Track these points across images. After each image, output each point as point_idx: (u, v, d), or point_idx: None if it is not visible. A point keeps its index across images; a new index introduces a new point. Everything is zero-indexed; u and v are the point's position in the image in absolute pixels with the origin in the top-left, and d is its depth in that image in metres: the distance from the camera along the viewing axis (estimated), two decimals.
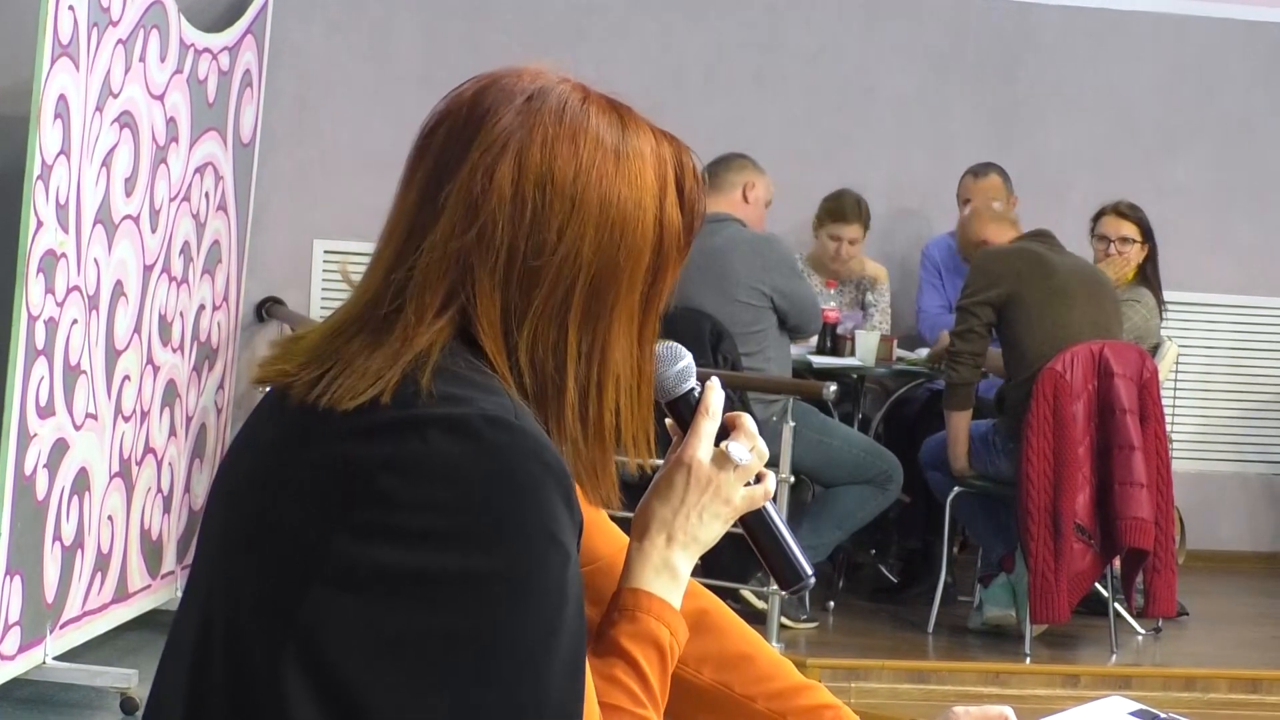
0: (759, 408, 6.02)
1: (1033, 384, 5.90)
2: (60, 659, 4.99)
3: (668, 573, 1.72)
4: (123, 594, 5.39)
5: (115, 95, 4.96)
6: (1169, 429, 6.28)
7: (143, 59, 5.12)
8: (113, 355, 5.14)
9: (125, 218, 5.13)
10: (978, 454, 6.18)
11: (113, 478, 5.21)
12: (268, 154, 6.61)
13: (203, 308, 5.85)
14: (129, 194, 5.13)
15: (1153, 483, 5.98)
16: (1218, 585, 7.47)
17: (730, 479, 1.73)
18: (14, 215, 4.55)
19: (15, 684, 4.95)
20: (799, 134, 7.66)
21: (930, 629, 6.28)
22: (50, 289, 4.68)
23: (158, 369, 5.49)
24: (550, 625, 1.49)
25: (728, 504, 1.73)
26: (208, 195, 5.78)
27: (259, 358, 1.62)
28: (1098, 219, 6.76)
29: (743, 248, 6.10)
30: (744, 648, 1.91)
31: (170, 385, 5.62)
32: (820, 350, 6.75)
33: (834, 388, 5.83)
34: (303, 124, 7.26)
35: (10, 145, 5.18)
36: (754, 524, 1.77)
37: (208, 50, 5.65)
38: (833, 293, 7.09)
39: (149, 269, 5.34)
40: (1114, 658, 6.19)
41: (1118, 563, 6.18)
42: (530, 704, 1.48)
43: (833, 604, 6.58)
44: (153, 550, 5.59)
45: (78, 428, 4.92)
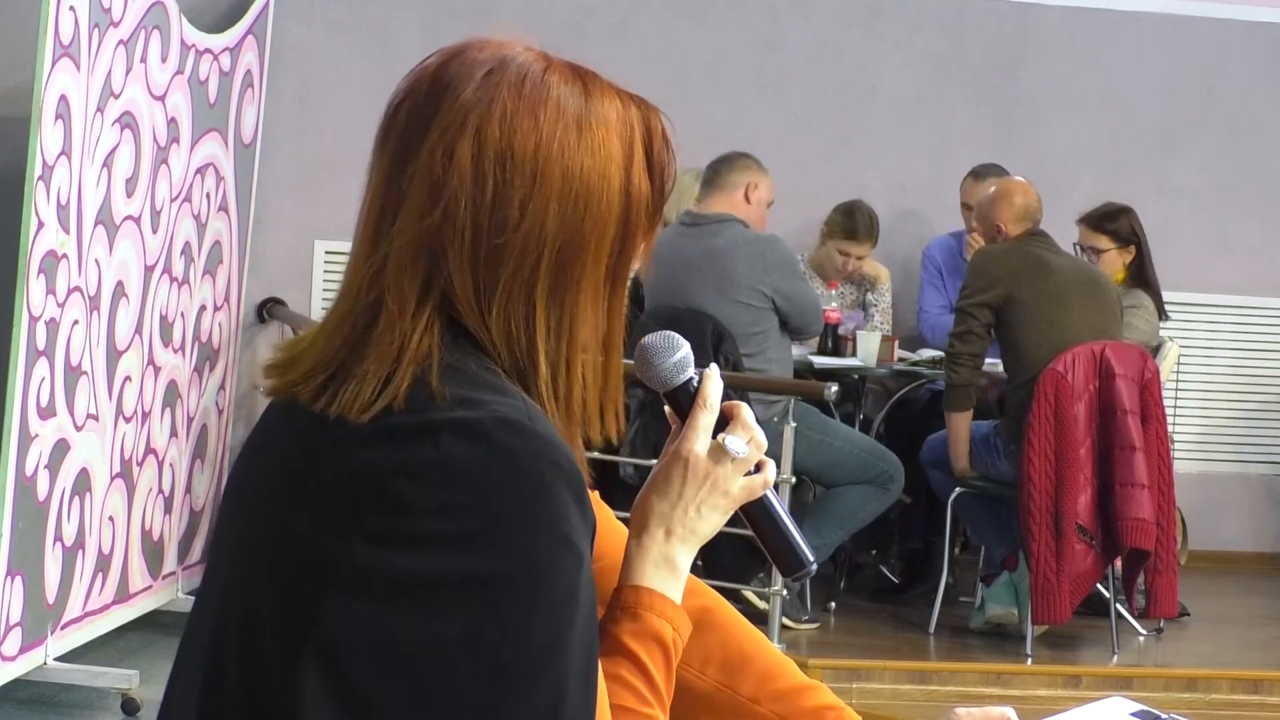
0: (760, 408, 6.02)
1: (1034, 385, 5.90)
2: (61, 660, 4.99)
3: (667, 567, 1.72)
4: (124, 595, 5.38)
5: (116, 96, 4.96)
6: (1170, 429, 6.28)
7: (144, 60, 5.11)
8: (114, 356, 5.13)
9: (126, 218, 5.12)
10: (979, 455, 6.18)
11: (114, 478, 5.20)
12: (269, 154, 6.61)
13: (204, 308, 5.85)
14: (130, 195, 5.13)
15: (1154, 483, 5.97)
16: (1219, 586, 7.46)
17: (728, 471, 1.72)
18: (15, 216, 4.54)
19: (16, 685, 4.95)
20: (800, 134, 7.66)
21: (932, 629, 6.27)
22: (51, 290, 4.67)
23: (159, 370, 5.48)
24: (564, 627, 1.48)
25: (726, 496, 1.73)
26: (209, 196, 5.78)
27: (263, 364, 1.61)
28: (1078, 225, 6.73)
29: (744, 249, 6.09)
30: (747, 646, 1.90)
31: (171, 386, 5.61)
32: (821, 351, 6.74)
33: (835, 388, 5.82)
34: (304, 124, 7.26)
35: (11, 146, 5.18)
36: (754, 513, 1.76)
37: (209, 51, 5.65)
38: (834, 293, 7.09)
39: (150, 269, 5.34)
40: (1115, 658, 6.19)
41: (1119, 563, 6.18)
42: (546, 705, 1.47)
43: (834, 604, 6.58)
44: (154, 551, 5.58)
45: (79, 428, 4.92)
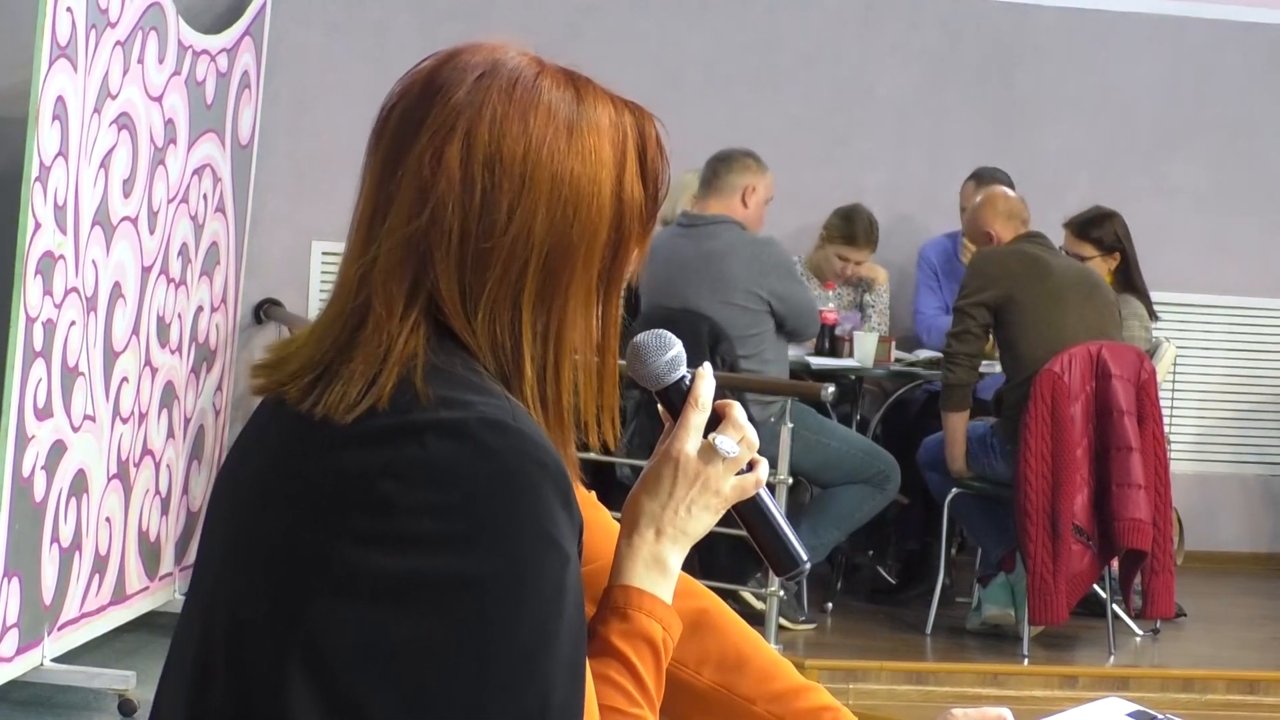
0: (757, 409, 6.03)
1: (1030, 385, 5.90)
2: (58, 661, 4.98)
3: (658, 568, 1.71)
4: (121, 596, 5.39)
5: (113, 97, 4.96)
6: (1167, 430, 6.28)
7: (141, 60, 5.12)
8: (111, 357, 5.13)
9: (123, 219, 5.12)
10: (975, 455, 6.18)
11: (111, 479, 5.20)
12: (266, 155, 6.61)
13: (201, 309, 5.85)
14: (127, 195, 5.13)
15: (1151, 484, 5.98)
16: (1216, 586, 7.47)
17: (719, 471, 1.72)
18: (12, 216, 4.55)
19: (13, 686, 4.95)
20: (797, 135, 7.66)
21: (928, 630, 6.28)
22: (48, 290, 4.67)
23: (156, 371, 5.48)
24: (550, 627, 1.48)
25: (717, 495, 1.72)
26: (206, 197, 5.78)
27: (254, 363, 1.62)
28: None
29: (740, 251, 6.10)
30: (744, 647, 1.90)
31: (168, 387, 5.61)
32: (818, 351, 6.75)
33: (832, 389, 5.83)
34: (301, 125, 7.26)
35: (8, 147, 5.18)
36: (746, 511, 1.76)
37: (206, 52, 5.65)
38: (831, 294, 7.09)
39: (147, 270, 5.34)
40: (1112, 659, 6.19)
41: (1116, 564, 6.18)
42: (534, 705, 1.47)
43: (831, 605, 6.58)
44: (151, 552, 5.59)
45: (75, 429, 4.92)
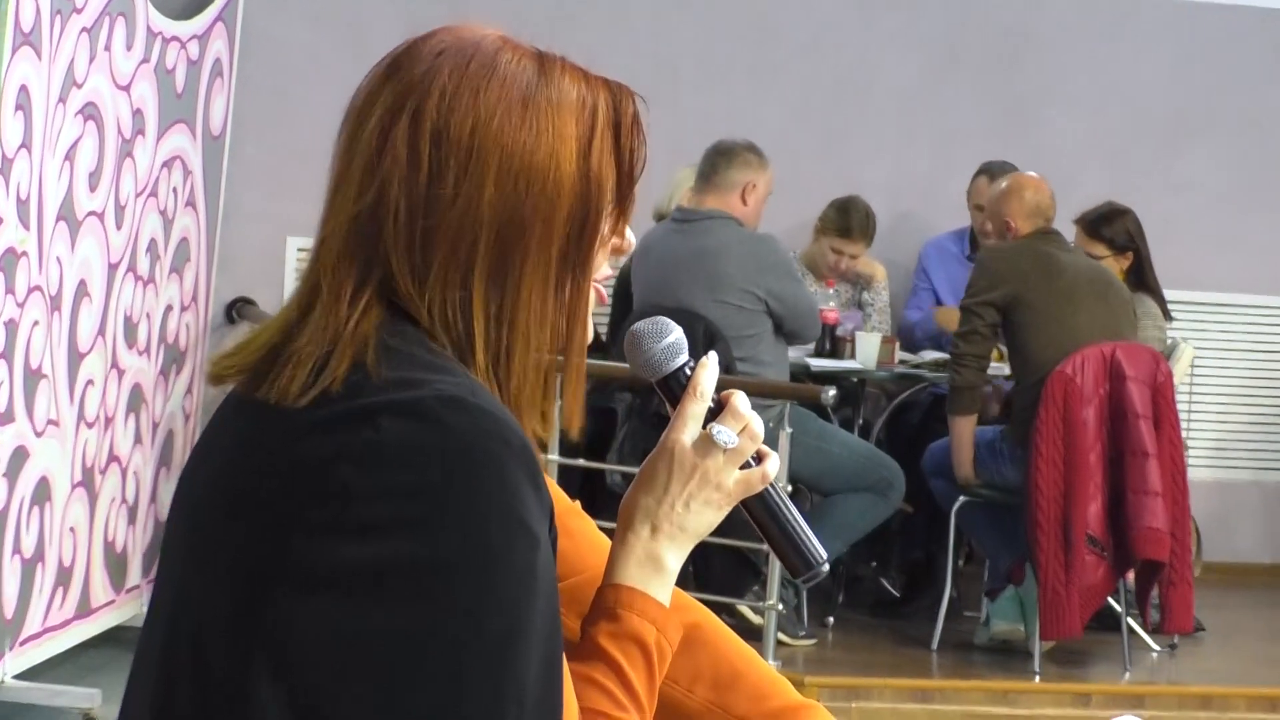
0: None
1: (1041, 388, 5.89)
2: (20, 678, 4.97)
3: (652, 565, 1.69)
4: (85, 609, 5.36)
5: (79, 86, 4.93)
6: (1184, 435, 6.28)
7: (108, 48, 5.09)
8: (75, 358, 5.11)
9: (89, 214, 5.10)
10: (984, 461, 6.17)
11: (75, 487, 5.18)
12: (239, 147, 6.58)
13: (170, 308, 5.83)
14: (93, 189, 5.11)
15: (1168, 491, 5.97)
16: (1235, 599, 7.47)
17: (719, 464, 1.70)
18: None
19: None
20: (794, 128, 7.65)
21: (934, 645, 6.27)
22: (10, 289, 4.66)
23: (123, 373, 5.46)
24: (522, 614, 1.47)
25: (718, 490, 1.71)
26: (176, 190, 5.75)
27: (211, 356, 1.62)
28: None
29: (737, 248, 6.08)
30: (738, 664, 1.89)
31: (136, 390, 5.59)
32: (819, 353, 6.74)
33: (833, 392, 5.82)
34: (276, 115, 7.24)
35: None
36: (756, 509, 1.74)
37: (176, 38, 5.62)
38: (831, 292, 7.08)
39: (114, 268, 5.31)
40: (1127, 675, 6.19)
41: (1131, 575, 6.18)
42: (510, 699, 1.46)
43: (832, 619, 6.58)
44: (117, 563, 5.56)
45: (38, 434, 4.90)
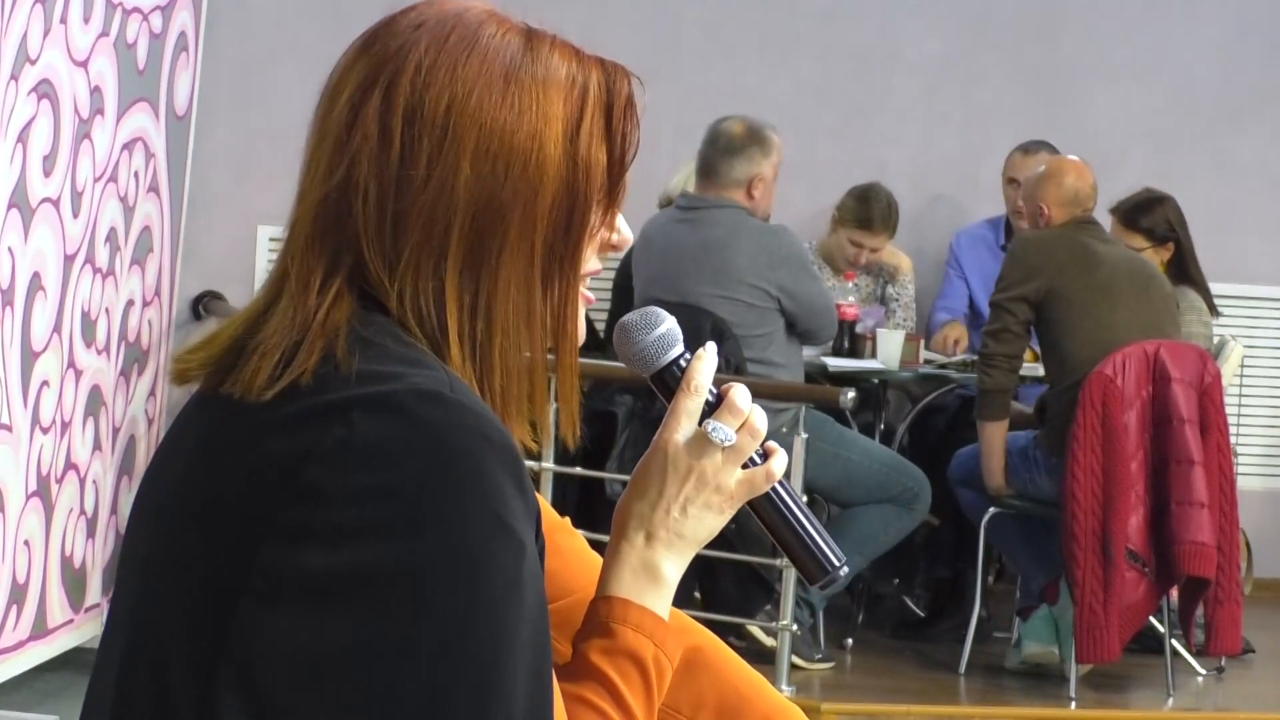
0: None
1: (1079, 390, 5.90)
2: None
3: (647, 575, 1.70)
4: (41, 630, 5.38)
5: (32, 62, 4.95)
6: (1233, 441, 6.28)
7: (64, 20, 5.10)
8: (29, 358, 5.12)
9: (43, 201, 5.11)
10: (1016, 470, 6.18)
11: (29, 497, 5.19)
12: (206, 128, 6.60)
13: (131, 303, 5.84)
14: (48, 174, 5.12)
15: (1215, 502, 5.98)
16: None
17: (717, 463, 1.70)
18: None
19: None
20: (810, 106, 7.66)
21: (962, 669, 6.28)
22: None
23: (80, 373, 5.47)
24: (506, 623, 1.47)
25: (719, 492, 1.71)
26: (137, 175, 5.77)
27: (175, 352, 1.64)
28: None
29: (746, 240, 6.08)
30: (745, 690, 1.90)
31: (95, 392, 5.61)
32: (837, 351, 6.75)
33: (853, 394, 5.82)
34: (246, 94, 7.25)
35: None
36: (764, 511, 1.74)
37: (138, 10, 5.64)
38: (850, 286, 7.09)
39: (70, 259, 5.33)
40: (1170, 701, 6.20)
41: (1175, 593, 6.18)
42: (497, 714, 1.46)
43: (851, 641, 6.59)
44: (75, 580, 5.58)
45: None
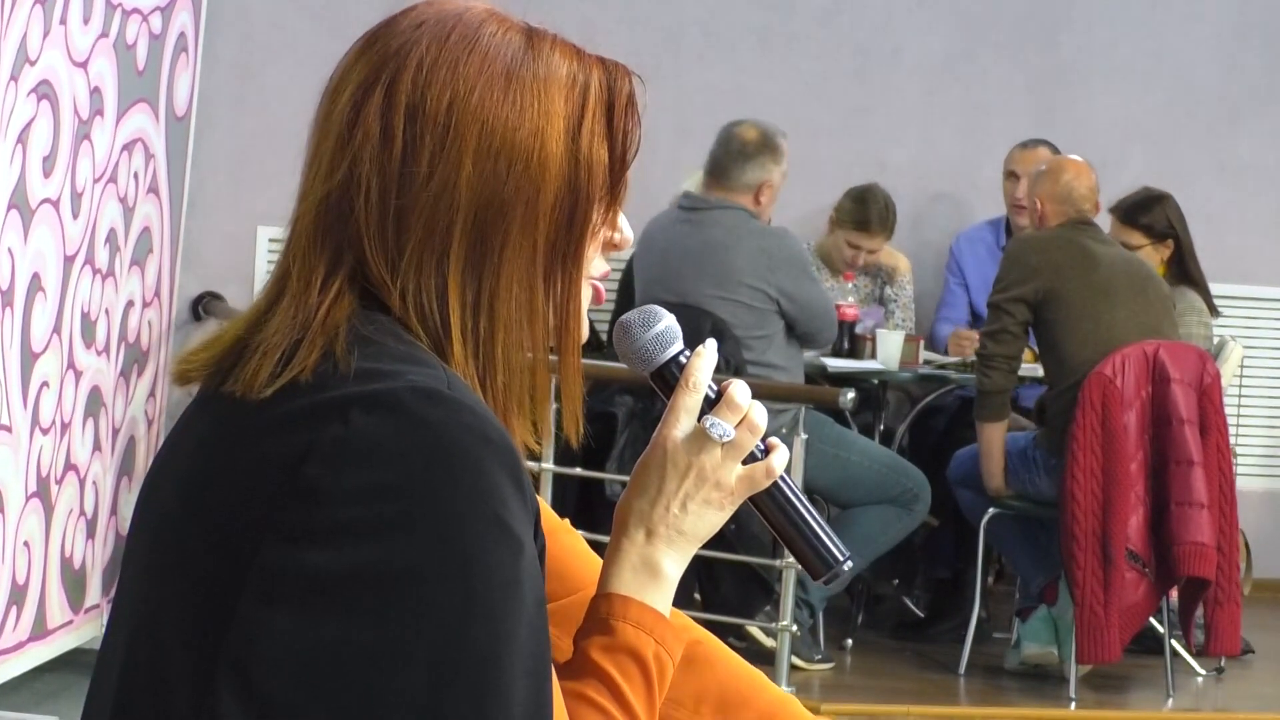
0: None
1: (1078, 391, 5.91)
2: None
3: (647, 572, 1.70)
4: (41, 631, 5.39)
5: (32, 63, 4.96)
6: (1233, 442, 6.29)
7: (63, 21, 5.12)
8: (29, 358, 5.13)
9: (43, 202, 5.13)
10: (1015, 471, 6.19)
11: (29, 498, 5.21)
12: (206, 129, 6.61)
13: (131, 304, 5.85)
14: (47, 175, 5.13)
15: (1215, 503, 5.99)
16: None
17: (716, 459, 1.71)
18: None
19: None
20: (810, 105, 7.67)
21: (961, 670, 6.29)
22: None
23: (80, 374, 5.49)
24: (505, 624, 1.47)
25: (719, 488, 1.71)
26: (137, 176, 5.78)
27: (177, 354, 1.65)
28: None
29: (746, 242, 6.10)
30: (744, 683, 1.90)
31: (94, 393, 5.62)
32: (837, 352, 6.74)
33: (852, 395, 5.82)
34: (246, 95, 7.26)
35: None
36: (765, 507, 1.75)
37: (137, 11, 5.65)
38: (850, 286, 7.10)
39: (70, 260, 5.34)
40: (1170, 702, 6.21)
41: (1175, 594, 6.20)
42: (495, 714, 1.46)
43: (850, 642, 6.60)
44: (75, 581, 5.59)
45: None
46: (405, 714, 1.45)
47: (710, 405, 1.73)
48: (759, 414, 1.74)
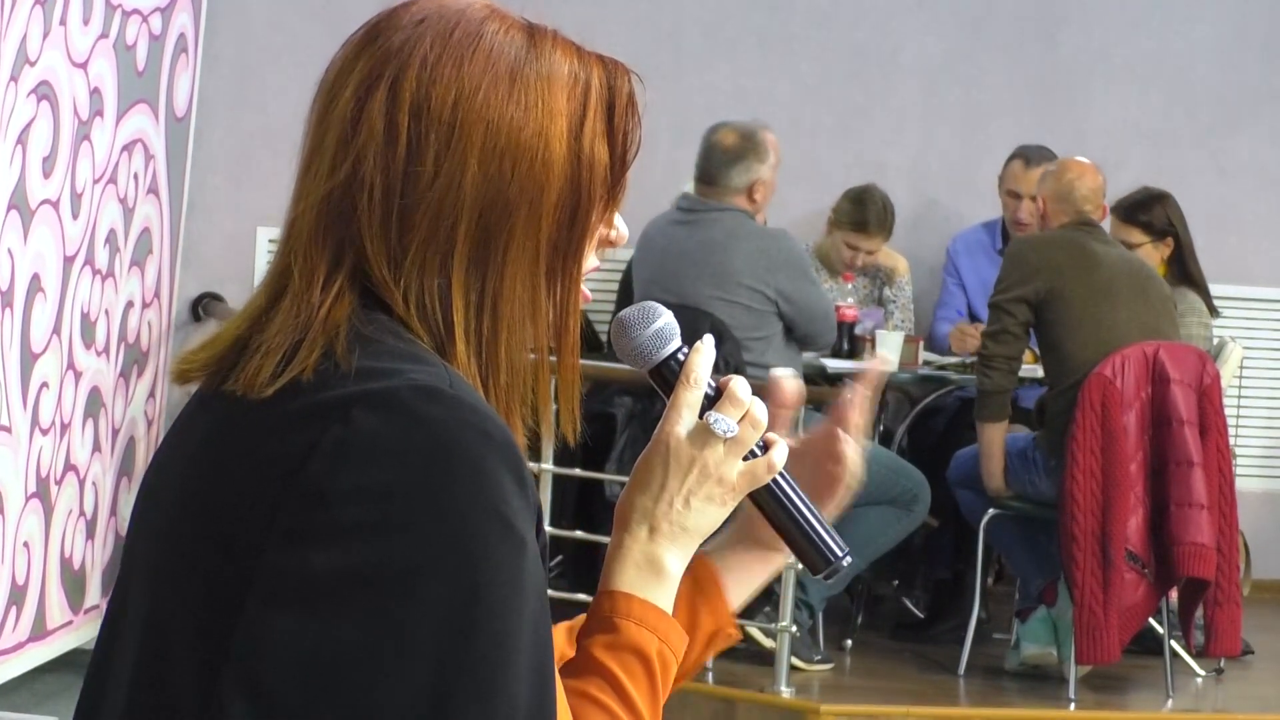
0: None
1: (1078, 392, 5.92)
2: None
3: (651, 570, 1.70)
4: (40, 631, 5.39)
5: (32, 63, 4.96)
6: (1233, 442, 6.30)
7: (63, 22, 5.12)
8: (29, 359, 5.14)
9: (43, 202, 5.13)
10: (1015, 471, 6.20)
11: (29, 499, 5.21)
12: (205, 130, 6.62)
13: (131, 305, 5.86)
14: (47, 175, 5.14)
15: (1214, 504, 6.00)
16: None
17: (719, 455, 1.70)
18: None
19: None
20: (808, 106, 7.68)
21: (961, 671, 6.30)
22: None
23: (80, 375, 5.49)
24: (508, 621, 1.47)
25: (721, 484, 1.71)
26: (137, 176, 5.79)
27: (177, 354, 1.65)
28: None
29: (745, 242, 6.11)
30: None
31: (94, 393, 5.62)
32: (836, 353, 6.74)
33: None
34: (245, 96, 7.27)
35: None
36: (765, 502, 1.76)
37: (137, 11, 5.66)
38: (849, 287, 7.11)
39: (70, 261, 5.35)
40: (1170, 703, 6.21)
41: (1174, 595, 6.20)
42: (500, 713, 1.47)
43: (850, 642, 6.60)
44: (74, 581, 5.59)
45: None
46: (411, 712, 1.46)
47: (710, 402, 1.73)
48: (760, 410, 1.74)
